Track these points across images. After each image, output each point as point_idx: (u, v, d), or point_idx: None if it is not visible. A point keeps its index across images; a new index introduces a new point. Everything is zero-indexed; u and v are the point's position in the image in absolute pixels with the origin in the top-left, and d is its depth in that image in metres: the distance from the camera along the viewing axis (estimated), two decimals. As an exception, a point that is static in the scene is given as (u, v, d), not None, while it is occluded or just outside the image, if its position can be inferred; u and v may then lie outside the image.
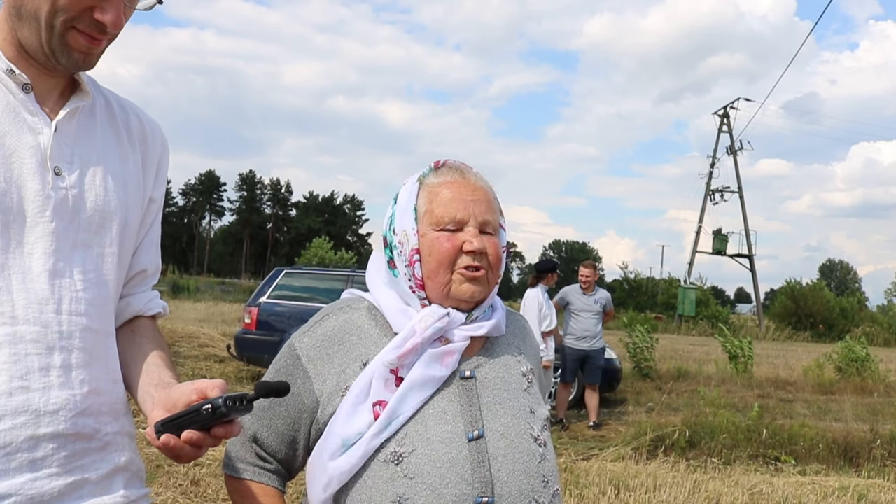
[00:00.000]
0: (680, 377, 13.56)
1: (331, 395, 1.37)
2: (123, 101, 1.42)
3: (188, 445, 1.12)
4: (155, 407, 1.20)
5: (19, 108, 1.20)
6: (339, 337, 1.42)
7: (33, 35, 1.18)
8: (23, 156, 1.19)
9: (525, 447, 1.38)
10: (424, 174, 1.48)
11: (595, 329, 8.64)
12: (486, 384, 1.41)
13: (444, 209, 1.41)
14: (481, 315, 1.45)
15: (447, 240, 1.39)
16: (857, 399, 12.18)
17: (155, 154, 1.43)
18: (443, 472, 1.30)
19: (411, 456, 1.31)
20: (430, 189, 1.44)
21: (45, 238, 1.20)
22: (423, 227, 1.41)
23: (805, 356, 19.71)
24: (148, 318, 1.47)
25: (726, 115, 45.27)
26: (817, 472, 6.74)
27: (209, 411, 1.10)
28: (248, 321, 9.88)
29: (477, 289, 1.40)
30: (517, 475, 1.35)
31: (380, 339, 1.41)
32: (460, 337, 1.40)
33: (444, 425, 1.34)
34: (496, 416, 1.38)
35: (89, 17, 1.18)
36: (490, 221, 1.43)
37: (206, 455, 5.44)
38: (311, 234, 54.85)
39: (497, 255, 1.43)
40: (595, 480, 5.67)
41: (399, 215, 1.45)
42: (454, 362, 1.39)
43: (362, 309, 1.47)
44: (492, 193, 1.48)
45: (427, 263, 1.40)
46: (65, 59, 1.21)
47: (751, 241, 44.50)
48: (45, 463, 1.17)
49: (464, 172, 1.47)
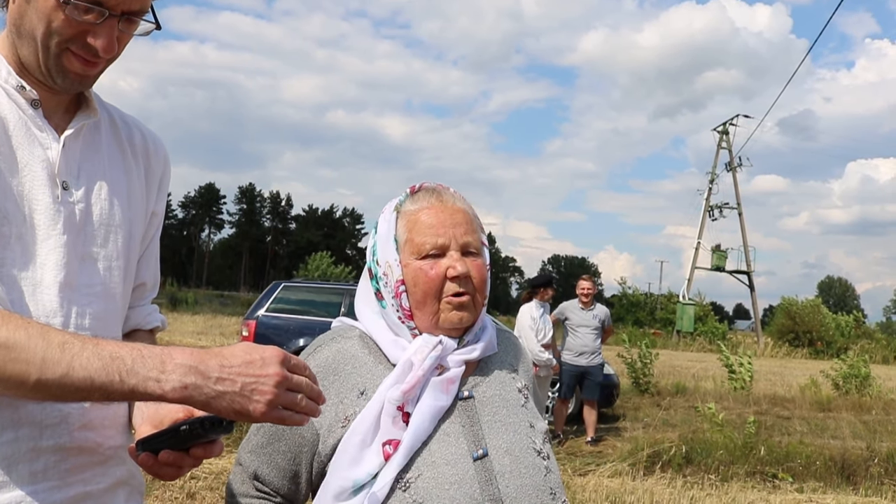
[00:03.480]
0: (678, 393, 13.54)
1: (330, 426, 1.37)
2: (126, 117, 1.44)
3: (166, 466, 1.12)
4: (143, 423, 1.20)
5: (29, 123, 1.22)
6: (333, 367, 1.41)
7: (31, 54, 1.20)
8: (34, 169, 1.21)
9: (530, 461, 1.39)
10: (401, 201, 1.47)
11: (593, 345, 8.60)
12: (484, 403, 1.42)
13: (424, 236, 1.40)
14: (472, 338, 1.45)
15: (431, 268, 1.39)
16: (855, 416, 12.16)
17: (157, 169, 1.45)
18: (451, 494, 1.30)
19: (418, 481, 1.30)
20: (409, 217, 1.43)
21: (57, 250, 1.21)
22: (406, 257, 1.41)
23: (802, 373, 19.67)
24: (146, 331, 1.48)
25: (725, 132, 45.42)
26: (814, 489, 6.71)
27: (186, 431, 1.09)
28: (245, 334, 9.85)
29: (465, 314, 1.40)
30: (525, 490, 1.35)
31: (374, 367, 1.41)
32: (455, 362, 1.40)
33: (447, 447, 1.34)
34: (498, 434, 1.39)
35: (82, 41, 1.19)
36: (471, 242, 1.43)
37: (202, 468, 5.43)
38: (310, 248, 54.88)
39: (482, 276, 1.43)
40: (592, 496, 5.66)
41: (381, 246, 1.45)
42: (455, 388, 1.39)
43: (354, 338, 1.47)
44: (471, 213, 1.47)
45: (413, 294, 1.40)
46: (60, 79, 1.22)
47: (749, 257, 44.57)
48: (46, 475, 1.17)
49: (440, 195, 1.46)
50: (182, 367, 1.03)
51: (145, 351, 1.05)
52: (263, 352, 1.07)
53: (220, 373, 1.04)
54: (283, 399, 1.06)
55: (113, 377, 1.02)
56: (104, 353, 1.03)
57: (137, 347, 1.06)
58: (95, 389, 1.02)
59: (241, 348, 1.08)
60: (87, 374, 1.01)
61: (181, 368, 1.03)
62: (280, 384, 1.06)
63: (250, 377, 1.05)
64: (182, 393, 1.03)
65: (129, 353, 1.04)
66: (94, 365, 1.02)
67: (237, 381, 1.04)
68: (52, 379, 1.01)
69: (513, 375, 1.50)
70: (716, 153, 45.56)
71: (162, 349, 1.06)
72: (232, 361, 1.05)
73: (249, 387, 1.04)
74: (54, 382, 1.01)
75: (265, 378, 1.05)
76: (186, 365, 1.04)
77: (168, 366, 1.03)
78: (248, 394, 1.04)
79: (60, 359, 1.01)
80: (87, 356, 1.02)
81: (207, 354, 1.06)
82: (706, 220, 44.76)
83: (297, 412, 1.09)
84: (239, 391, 1.04)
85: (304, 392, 1.09)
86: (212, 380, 1.04)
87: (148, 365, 1.03)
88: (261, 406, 1.05)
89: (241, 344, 1.10)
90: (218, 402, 1.04)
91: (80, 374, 1.01)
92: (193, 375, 1.03)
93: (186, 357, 1.05)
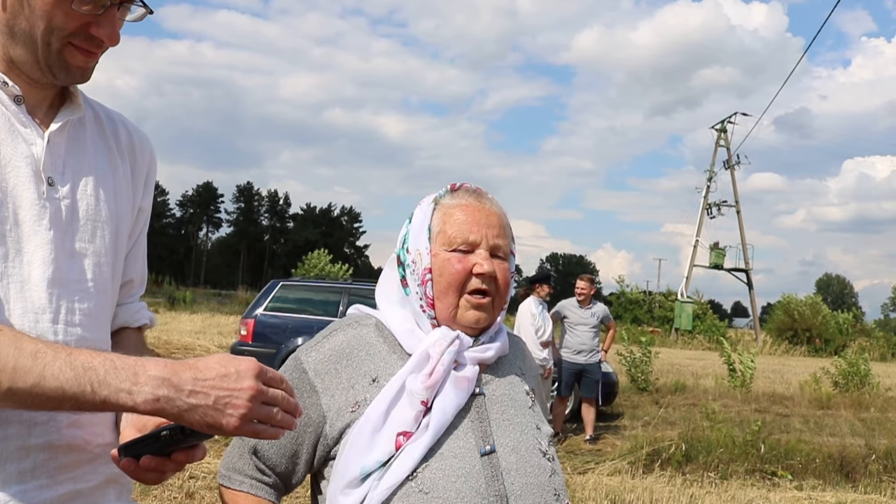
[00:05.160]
0: (677, 391, 13.55)
1: (339, 410, 1.38)
2: (111, 113, 1.43)
3: (148, 471, 1.10)
4: (127, 426, 1.19)
5: (12, 119, 1.21)
6: (347, 352, 1.43)
7: (28, 53, 1.19)
8: (18, 165, 1.19)
9: (535, 461, 1.40)
10: (441, 195, 1.51)
11: (591, 343, 8.61)
12: (493, 401, 1.44)
13: (456, 230, 1.43)
14: (487, 339, 1.47)
15: (458, 261, 1.41)
16: (854, 414, 12.17)
17: (143, 164, 1.44)
18: (458, 487, 1.31)
19: (425, 471, 1.32)
20: (445, 210, 1.47)
21: (45, 247, 1.20)
22: (436, 247, 1.44)
23: (801, 371, 19.70)
24: (134, 329, 1.47)
25: (724, 130, 45.46)
26: (814, 487, 6.72)
27: (167, 437, 1.08)
28: (244, 333, 9.85)
29: (482, 315, 1.43)
30: (530, 489, 1.37)
31: (388, 355, 1.43)
32: (471, 360, 1.42)
33: (456, 441, 1.36)
34: (506, 432, 1.41)
35: (85, 33, 1.19)
36: (501, 246, 1.45)
37: (201, 467, 5.42)
38: (308, 246, 54.80)
39: (506, 279, 1.45)
40: (591, 494, 5.65)
41: (413, 234, 1.47)
42: (472, 387, 1.41)
43: (370, 325, 1.49)
44: (505, 220, 1.50)
45: (437, 283, 1.42)
46: (62, 74, 1.22)
47: (748, 255, 44.64)
48: (35, 474, 1.16)
49: (479, 196, 1.50)
50: (155, 380, 1.02)
51: (118, 362, 1.04)
52: (239, 364, 1.06)
53: (194, 385, 1.03)
54: (258, 413, 1.05)
55: (85, 388, 1.01)
56: (77, 364, 1.02)
57: (111, 358, 1.04)
58: (67, 399, 1.01)
59: (216, 360, 1.06)
60: (58, 384, 1.00)
61: (154, 381, 1.02)
62: (254, 398, 1.04)
63: (224, 390, 1.03)
64: (154, 405, 1.02)
65: (102, 364, 1.03)
66: (65, 375, 1.01)
67: (210, 395, 1.03)
68: (22, 388, 1.00)
69: (521, 378, 1.53)
70: (714, 151, 45.65)
71: (136, 360, 1.05)
72: (206, 374, 1.04)
73: (223, 400, 1.03)
74: (25, 391, 1.00)
75: (239, 392, 1.03)
76: (159, 377, 1.02)
77: (141, 378, 1.02)
78: (221, 407, 1.03)
79: (32, 368, 1.00)
80: (60, 366, 1.01)
81: (181, 367, 1.05)
82: (704, 217, 44.82)
83: (273, 425, 1.07)
84: (212, 404, 1.03)
85: (280, 405, 1.07)
86: (185, 392, 1.02)
87: (120, 376, 1.02)
88: (234, 420, 1.03)
89: (217, 355, 1.08)
90: (190, 414, 1.03)
91: (52, 383, 1.00)
92: (166, 388, 1.02)
93: (160, 369, 1.03)
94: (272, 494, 1.43)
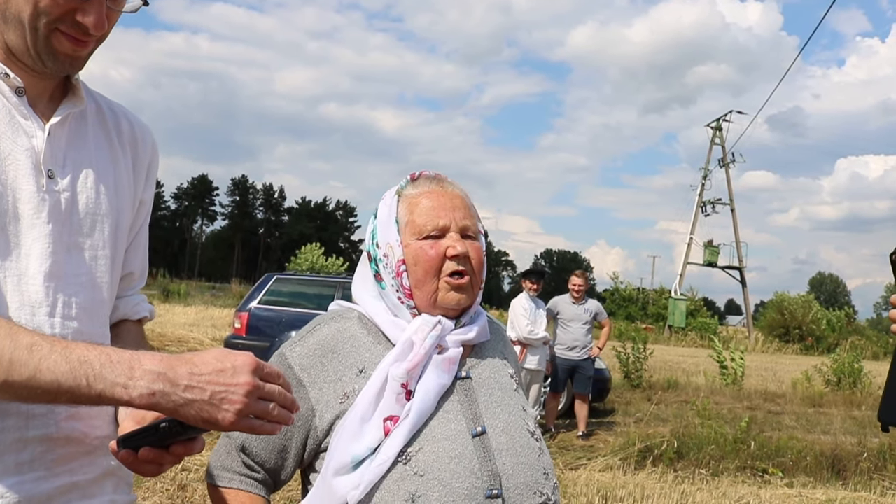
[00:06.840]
0: (669, 388, 13.58)
1: (328, 402, 1.39)
2: (113, 105, 1.43)
3: (146, 463, 1.10)
4: (126, 418, 1.19)
5: (13, 111, 1.20)
6: (332, 346, 1.44)
7: (19, 38, 1.18)
8: (18, 158, 1.19)
9: (524, 442, 1.44)
10: (402, 186, 1.52)
11: (585, 339, 8.63)
12: (480, 384, 1.47)
13: (425, 218, 1.45)
14: (468, 320, 1.49)
15: (431, 247, 1.43)
16: (845, 412, 12.22)
17: (145, 157, 1.44)
18: (452, 468, 1.33)
19: (419, 454, 1.33)
20: (410, 200, 1.49)
21: (43, 240, 1.20)
22: (407, 238, 1.45)
23: (794, 368, 19.77)
24: (134, 322, 1.47)
25: (719, 128, 45.49)
26: (804, 484, 6.75)
27: (165, 429, 1.08)
28: (238, 326, 9.82)
29: (462, 296, 1.45)
30: (521, 468, 1.40)
31: (373, 346, 1.44)
32: (454, 343, 1.44)
33: (447, 423, 1.38)
34: (495, 414, 1.44)
35: (72, 20, 1.18)
36: (470, 226, 1.48)
37: (194, 460, 5.42)
38: (302, 240, 54.63)
39: (479, 258, 1.48)
40: (583, 490, 5.67)
41: (381, 229, 1.49)
42: (455, 368, 1.43)
43: (353, 318, 1.50)
44: (469, 200, 1.53)
45: (413, 273, 1.44)
46: (51, 62, 1.21)
47: (741, 252, 44.69)
48: (32, 466, 1.16)
49: (441, 181, 1.52)
50: (150, 374, 1.02)
51: (115, 356, 1.03)
52: (235, 360, 1.05)
53: (190, 380, 1.02)
54: (254, 408, 1.05)
55: (80, 381, 1.01)
56: (72, 357, 1.02)
57: (107, 352, 1.04)
58: (62, 393, 1.01)
59: (212, 355, 1.06)
60: (53, 378, 1.00)
61: (150, 375, 1.02)
62: (250, 393, 1.04)
63: (220, 386, 1.03)
64: (149, 400, 1.02)
65: (98, 358, 1.02)
66: (61, 368, 1.00)
67: (206, 390, 1.02)
68: (18, 381, 1.00)
69: (504, 362, 1.56)
70: (709, 149, 45.68)
71: (132, 354, 1.04)
72: (202, 369, 1.04)
73: (219, 395, 1.03)
74: (21, 384, 1.00)
75: (235, 387, 1.03)
76: (155, 371, 1.02)
77: (136, 372, 1.02)
78: (216, 402, 1.03)
79: (28, 361, 1.00)
80: (55, 359, 1.01)
81: (178, 361, 1.05)
82: (699, 215, 44.88)
83: (270, 421, 1.07)
84: (208, 399, 1.03)
85: (277, 401, 1.07)
86: (180, 387, 1.02)
87: (116, 370, 1.02)
88: (229, 415, 1.03)
89: (214, 350, 1.08)
90: (186, 409, 1.03)
91: (47, 377, 1.00)
92: (162, 382, 1.02)
93: (156, 363, 1.03)
94: (262, 490, 1.43)
